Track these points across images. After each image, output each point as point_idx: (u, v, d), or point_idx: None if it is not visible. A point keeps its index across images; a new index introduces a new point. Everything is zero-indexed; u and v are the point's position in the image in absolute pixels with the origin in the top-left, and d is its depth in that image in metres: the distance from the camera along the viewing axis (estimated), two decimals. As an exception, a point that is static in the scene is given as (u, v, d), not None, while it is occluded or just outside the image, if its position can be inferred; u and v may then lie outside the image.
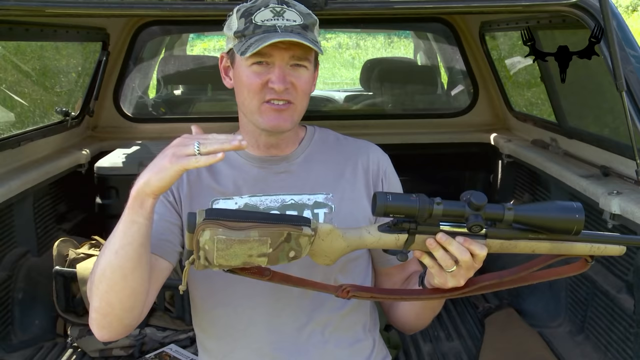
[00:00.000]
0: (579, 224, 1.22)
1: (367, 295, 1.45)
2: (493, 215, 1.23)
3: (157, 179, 1.21)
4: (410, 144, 3.57)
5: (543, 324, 2.67)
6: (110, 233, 1.29)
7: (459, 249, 1.23)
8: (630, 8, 17.93)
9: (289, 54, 1.40)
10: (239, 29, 1.41)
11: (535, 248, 1.28)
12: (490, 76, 3.55)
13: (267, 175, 1.52)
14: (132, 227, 1.25)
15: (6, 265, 2.55)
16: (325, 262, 1.32)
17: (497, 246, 1.27)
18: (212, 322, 1.53)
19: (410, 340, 2.72)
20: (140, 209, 1.24)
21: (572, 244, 1.28)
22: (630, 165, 2.10)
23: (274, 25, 1.38)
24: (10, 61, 3.19)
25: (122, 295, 1.29)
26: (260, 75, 1.41)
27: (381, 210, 1.22)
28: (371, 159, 1.59)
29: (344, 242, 1.31)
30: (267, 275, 1.34)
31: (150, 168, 1.23)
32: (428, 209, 1.22)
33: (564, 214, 1.23)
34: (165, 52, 4.35)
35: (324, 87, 7.06)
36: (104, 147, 3.43)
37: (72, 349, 2.59)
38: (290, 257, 1.26)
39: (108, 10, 1.98)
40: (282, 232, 1.23)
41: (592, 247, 1.30)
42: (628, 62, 2.01)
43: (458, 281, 1.28)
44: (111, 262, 1.27)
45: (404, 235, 1.27)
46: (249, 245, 1.21)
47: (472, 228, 1.22)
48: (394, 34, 6.99)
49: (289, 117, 1.44)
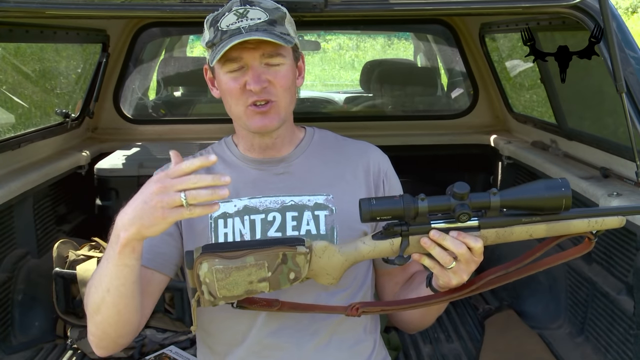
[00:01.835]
0: (567, 198, 1.22)
1: (377, 310, 1.46)
2: (479, 203, 1.24)
3: (150, 232, 1.20)
4: (410, 146, 3.57)
5: (543, 325, 2.67)
6: (110, 234, 1.29)
7: (453, 243, 1.24)
8: (630, 10, 17.94)
9: (258, 53, 1.41)
10: (209, 39, 1.43)
11: (532, 232, 1.27)
12: (490, 78, 3.55)
13: (267, 176, 1.52)
14: (124, 270, 1.26)
15: (6, 267, 2.55)
16: (329, 280, 1.33)
17: (493, 236, 1.27)
18: (213, 322, 1.53)
19: (410, 342, 2.72)
20: (132, 253, 1.25)
21: (568, 222, 1.27)
22: (630, 167, 2.10)
23: (238, 27, 1.39)
24: (11, 63, 3.19)
25: (116, 325, 1.34)
26: (237, 80, 1.42)
27: (367, 216, 1.23)
28: (372, 160, 1.59)
29: (341, 257, 1.32)
30: (276, 306, 1.37)
31: (138, 218, 1.19)
32: (413, 207, 1.23)
33: (550, 191, 1.23)
34: (165, 53, 4.35)
35: (323, 89, 7.06)
36: (103, 148, 3.44)
37: (72, 351, 2.59)
38: (291, 278, 1.28)
39: (108, 12, 1.98)
40: (278, 253, 1.25)
41: (590, 222, 1.28)
42: (628, 64, 2.01)
43: (461, 277, 1.28)
44: (104, 299, 1.30)
45: (397, 239, 1.27)
46: (247, 271, 1.24)
47: (460, 217, 1.23)
48: (394, 36, 7.00)
49: (275, 115, 1.45)
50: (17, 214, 2.64)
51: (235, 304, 1.34)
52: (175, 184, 1.17)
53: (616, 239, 2.18)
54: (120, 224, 1.22)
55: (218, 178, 1.17)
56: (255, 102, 1.42)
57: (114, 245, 1.24)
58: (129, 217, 1.21)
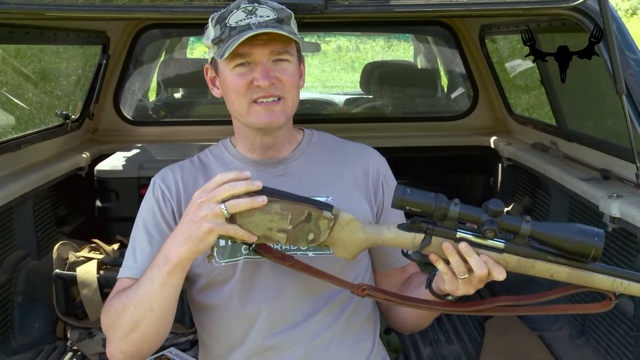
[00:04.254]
0: (597, 249, 1.18)
1: (381, 296, 1.46)
2: (509, 226, 1.22)
3: (200, 248, 1.27)
4: (410, 147, 3.57)
5: (543, 327, 2.67)
6: (109, 236, 1.30)
7: (477, 264, 1.23)
8: (630, 11, 17.95)
9: (268, 50, 1.41)
10: (216, 35, 1.43)
11: (554, 272, 1.24)
12: (490, 79, 3.55)
13: (266, 178, 1.52)
14: (170, 290, 1.32)
15: (6, 269, 2.55)
16: (345, 254, 1.34)
17: (514, 263, 1.24)
18: (215, 322, 1.53)
19: (410, 344, 2.71)
20: (182, 273, 1.31)
21: (592, 274, 1.23)
22: (630, 169, 2.10)
23: (248, 24, 1.39)
24: (11, 64, 3.19)
25: (152, 340, 1.40)
26: (244, 76, 1.42)
27: (398, 202, 1.24)
28: (371, 163, 1.59)
29: (363, 235, 1.32)
30: (289, 261, 1.38)
31: (188, 237, 1.26)
32: (444, 208, 1.22)
33: (582, 236, 1.18)
34: (165, 55, 4.36)
35: (323, 90, 7.06)
36: (104, 150, 3.44)
37: (72, 352, 2.59)
38: (309, 239, 1.28)
39: (108, 14, 1.98)
40: (303, 210, 1.27)
41: (615, 282, 1.23)
42: (628, 66, 2.02)
43: (468, 289, 1.28)
44: (146, 317, 1.34)
45: (420, 235, 1.27)
46: (269, 217, 1.26)
47: (485, 232, 1.21)
48: (394, 37, 7.00)
49: (282, 111, 1.45)
50: (17, 215, 2.64)
51: (252, 246, 1.36)
52: (212, 195, 1.23)
53: (616, 240, 2.18)
54: (172, 246, 1.28)
55: (251, 183, 1.24)
56: (261, 99, 1.42)
57: (162, 266, 1.30)
58: (179, 239, 1.27)
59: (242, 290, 1.47)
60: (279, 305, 1.48)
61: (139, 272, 1.42)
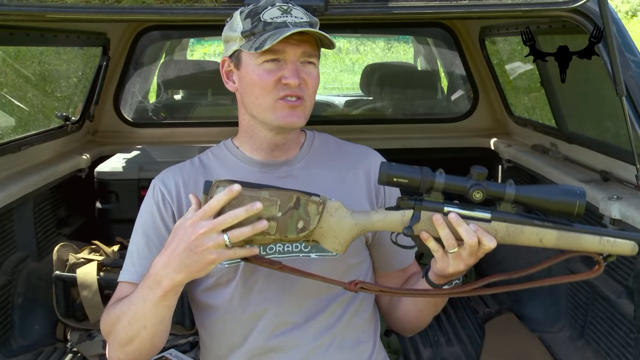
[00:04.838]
0: (580, 206, 1.23)
1: (375, 289, 1.46)
2: (494, 191, 1.26)
3: (199, 275, 1.28)
4: (410, 149, 3.58)
5: (543, 328, 2.67)
6: (110, 237, 1.30)
7: (467, 232, 1.25)
8: (630, 13, 17.96)
9: (300, 50, 1.41)
10: (247, 29, 1.41)
11: (542, 236, 1.27)
12: (490, 81, 3.55)
13: (270, 180, 1.51)
14: (164, 310, 1.33)
15: (6, 270, 2.54)
16: (335, 245, 1.33)
17: (503, 231, 1.27)
18: (216, 323, 1.53)
19: (410, 345, 2.71)
20: (175, 295, 1.31)
21: (580, 234, 1.27)
22: (630, 170, 2.10)
23: (284, 21, 1.40)
24: (11, 66, 3.19)
25: (148, 353, 1.42)
26: (273, 72, 1.41)
27: (384, 178, 1.26)
28: (373, 165, 1.59)
29: (352, 220, 1.32)
30: (276, 265, 1.37)
31: (186, 266, 1.25)
32: (430, 179, 1.26)
33: (565, 195, 1.24)
34: (166, 57, 4.36)
35: (323, 92, 7.06)
36: (104, 151, 3.44)
37: (72, 354, 2.59)
38: (299, 227, 1.28)
39: (108, 15, 1.98)
40: (292, 196, 1.28)
41: (602, 241, 1.27)
42: (628, 67, 2.02)
43: (458, 265, 1.29)
44: (139, 334, 1.35)
45: (409, 212, 1.29)
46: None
47: (473, 194, 1.24)
48: (394, 39, 7.00)
49: (302, 113, 1.45)
50: (17, 217, 2.64)
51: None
52: (215, 225, 1.22)
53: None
54: (163, 271, 1.27)
55: (250, 208, 1.23)
56: (287, 97, 1.42)
57: (154, 289, 1.29)
58: (174, 266, 1.26)
59: (243, 292, 1.47)
60: (280, 307, 1.48)
61: (138, 277, 1.42)
